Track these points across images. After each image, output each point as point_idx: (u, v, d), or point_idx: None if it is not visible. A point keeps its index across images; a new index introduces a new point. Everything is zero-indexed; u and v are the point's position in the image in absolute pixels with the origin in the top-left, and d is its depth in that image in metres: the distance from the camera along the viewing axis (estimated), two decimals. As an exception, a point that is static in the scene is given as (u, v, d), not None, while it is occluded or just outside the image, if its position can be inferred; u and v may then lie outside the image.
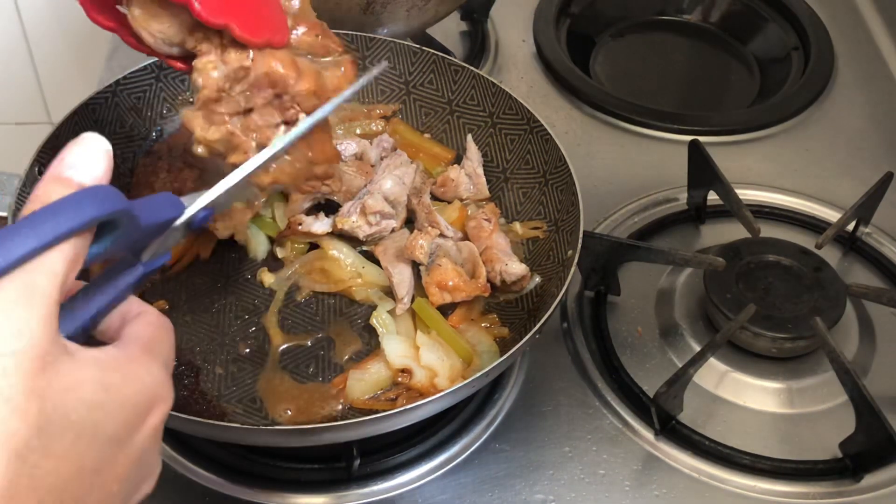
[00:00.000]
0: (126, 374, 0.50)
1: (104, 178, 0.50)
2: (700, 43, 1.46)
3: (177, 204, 0.57)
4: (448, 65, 1.07)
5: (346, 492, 0.85)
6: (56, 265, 0.46)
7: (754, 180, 1.16)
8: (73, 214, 0.46)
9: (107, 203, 0.47)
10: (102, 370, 0.48)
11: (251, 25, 0.73)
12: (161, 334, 0.55)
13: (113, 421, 0.48)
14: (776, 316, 0.95)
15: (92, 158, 0.50)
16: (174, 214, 0.57)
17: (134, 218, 0.51)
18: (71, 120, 0.96)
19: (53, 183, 0.49)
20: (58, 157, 0.50)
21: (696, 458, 0.88)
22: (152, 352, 0.53)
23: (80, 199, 0.47)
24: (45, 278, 0.45)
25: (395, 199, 0.97)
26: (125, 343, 0.53)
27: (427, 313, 0.90)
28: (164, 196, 0.57)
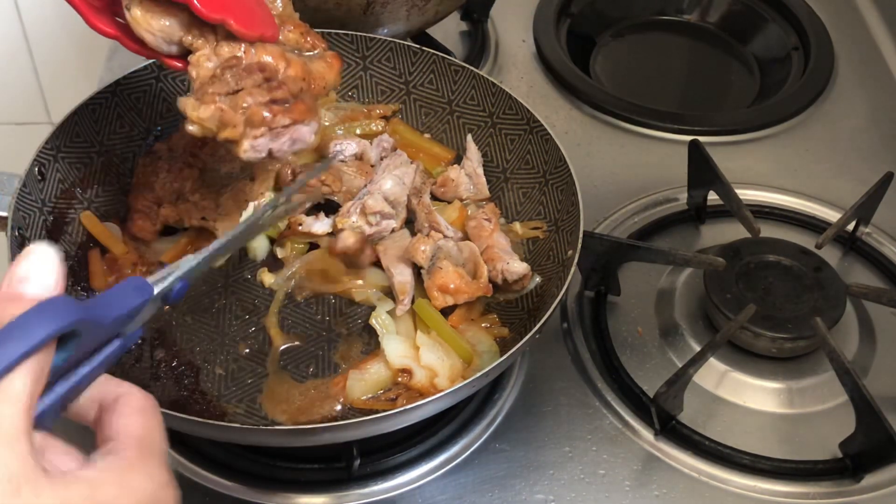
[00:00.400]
0: (123, 485, 0.48)
1: (56, 286, 0.50)
2: (700, 43, 1.46)
3: (144, 288, 0.56)
4: (448, 65, 1.07)
5: (346, 492, 0.85)
6: (18, 389, 0.45)
7: (754, 180, 1.16)
8: (26, 337, 0.45)
9: (59, 318, 0.47)
10: (93, 486, 0.47)
11: (246, 21, 0.78)
12: (152, 426, 0.53)
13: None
14: (776, 316, 0.95)
15: (41, 269, 0.50)
16: (141, 300, 0.55)
17: (95, 322, 0.50)
18: (71, 120, 0.96)
19: (5, 302, 0.48)
20: (7, 274, 0.49)
21: (696, 458, 0.88)
22: (148, 451, 0.51)
23: (31, 320, 0.46)
24: (8, 407, 0.45)
25: (396, 199, 0.97)
26: (117, 447, 0.51)
27: (427, 313, 0.90)
28: (130, 282, 0.55)
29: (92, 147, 0.99)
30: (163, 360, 0.87)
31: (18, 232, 0.87)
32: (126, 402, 0.53)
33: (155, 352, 0.88)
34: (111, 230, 0.96)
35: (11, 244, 0.85)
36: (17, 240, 0.86)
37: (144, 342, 0.89)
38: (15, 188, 0.89)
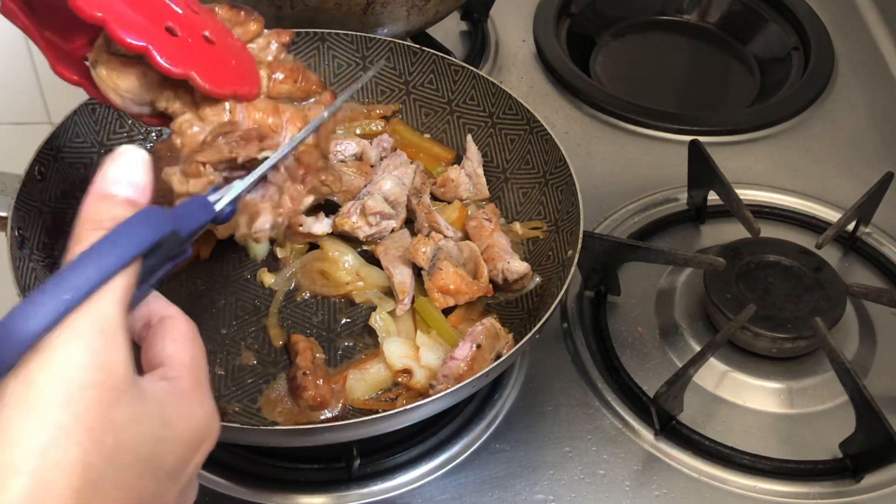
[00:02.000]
0: (182, 409, 0.51)
1: (146, 188, 0.52)
2: (700, 43, 1.46)
3: (208, 207, 0.59)
4: (448, 65, 1.07)
5: (346, 492, 0.85)
6: (119, 292, 0.47)
7: (754, 180, 1.16)
8: (131, 243, 0.48)
9: (159, 228, 0.49)
10: (162, 405, 0.50)
11: (216, 76, 0.70)
12: (200, 355, 0.56)
13: (172, 455, 0.50)
14: (776, 316, 0.95)
15: (132, 172, 0.52)
16: (207, 217, 0.59)
17: (178, 234, 0.52)
18: (71, 120, 0.96)
19: (99, 200, 0.50)
20: (99, 172, 0.51)
21: (696, 458, 0.88)
22: (200, 381, 0.54)
23: (135, 227, 0.48)
24: (114, 308, 0.47)
25: (396, 199, 0.97)
26: (174, 375, 0.53)
27: (428, 312, 0.90)
28: (196, 201, 0.59)
29: (92, 147, 0.99)
30: (163, 360, 0.87)
31: (18, 232, 0.87)
32: (173, 326, 0.56)
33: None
34: (111, 230, 0.96)
35: (11, 244, 0.85)
36: (17, 240, 0.86)
37: (144, 342, 0.89)
38: (15, 188, 0.89)
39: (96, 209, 0.50)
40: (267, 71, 0.76)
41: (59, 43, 0.74)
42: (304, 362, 0.84)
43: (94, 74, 0.72)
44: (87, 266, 0.46)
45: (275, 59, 0.78)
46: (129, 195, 0.51)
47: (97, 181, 0.51)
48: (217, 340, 0.90)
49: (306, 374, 0.83)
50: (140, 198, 0.51)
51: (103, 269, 0.46)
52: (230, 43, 0.75)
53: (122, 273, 0.47)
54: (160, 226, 0.50)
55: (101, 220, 0.49)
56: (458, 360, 0.84)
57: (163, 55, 0.67)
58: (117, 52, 0.71)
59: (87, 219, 0.49)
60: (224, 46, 0.73)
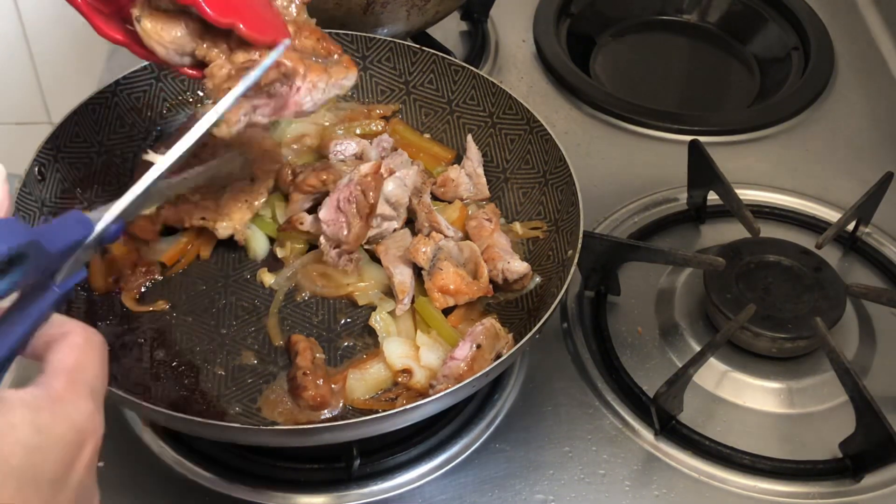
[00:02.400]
0: (54, 412, 0.50)
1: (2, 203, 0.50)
2: (700, 43, 1.46)
3: (85, 223, 0.57)
4: (448, 65, 1.07)
5: (346, 492, 0.85)
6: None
7: (754, 180, 1.16)
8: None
9: (11, 238, 0.48)
10: (33, 411, 0.48)
11: (257, 25, 0.77)
12: (85, 358, 0.54)
13: (51, 462, 0.48)
14: (776, 316, 0.95)
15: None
16: (83, 234, 0.56)
17: (41, 247, 0.51)
18: (71, 120, 0.96)
19: None
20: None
21: (696, 458, 0.88)
22: (76, 383, 0.52)
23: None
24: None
25: (397, 200, 0.97)
26: (49, 378, 0.52)
27: (428, 311, 0.90)
28: (71, 216, 0.56)
29: (92, 147, 0.99)
30: (163, 360, 0.87)
31: (18, 232, 0.87)
32: (65, 339, 0.55)
33: (155, 352, 0.88)
34: (111, 230, 0.96)
35: (11, 244, 0.85)
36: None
37: (144, 342, 0.89)
38: (15, 188, 0.89)
39: None
40: (293, 29, 0.83)
41: (99, 6, 0.80)
42: (304, 362, 0.84)
43: (139, 28, 0.77)
44: None
45: (298, 18, 0.85)
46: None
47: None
48: (217, 340, 0.90)
49: (306, 374, 0.83)
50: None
51: None
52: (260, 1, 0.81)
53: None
54: (14, 236, 0.48)
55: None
56: (458, 360, 0.84)
57: (210, 6, 0.74)
58: (159, 7, 0.77)
59: None
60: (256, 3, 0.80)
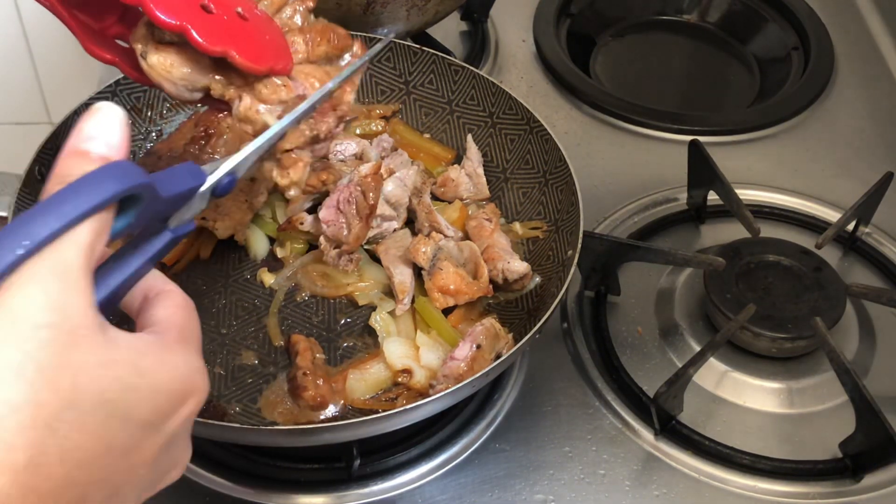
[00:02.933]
0: (163, 360, 0.50)
1: (122, 146, 0.50)
2: (700, 43, 1.46)
3: (198, 173, 0.57)
4: (448, 65, 1.07)
5: (346, 492, 0.85)
6: (83, 239, 0.46)
7: (754, 180, 1.16)
8: (94, 192, 0.46)
9: (126, 179, 0.48)
10: (139, 354, 0.48)
11: (253, 52, 0.71)
12: (192, 321, 0.55)
13: (146, 405, 0.48)
14: (776, 316, 0.95)
15: (108, 129, 0.50)
16: (196, 184, 0.57)
17: (155, 191, 0.51)
18: (71, 120, 0.96)
19: (72, 157, 0.49)
20: (75, 129, 0.50)
21: (696, 458, 0.88)
22: (187, 340, 0.53)
23: (100, 177, 0.47)
24: (74, 252, 0.45)
25: (397, 201, 0.97)
26: (160, 330, 0.53)
27: (428, 311, 0.90)
28: (185, 166, 0.56)
29: (92, 147, 0.99)
30: (163, 360, 0.87)
31: (18, 232, 0.87)
32: (169, 296, 0.56)
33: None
34: (111, 230, 0.96)
35: (11, 244, 0.85)
36: (17, 240, 0.86)
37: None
38: (15, 188, 0.89)
39: (68, 165, 0.49)
40: (301, 37, 0.77)
41: (89, 22, 0.75)
42: (303, 362, 0.84)
43: (145, 64, 0.72)
44: (48, 214, 0.45)
45: (304, 24, 0.80)
46: (104, 152, 0.49)
47: (72, 137, 0.50)
48: (217, 340, 0.90)
49: (306, 375, 0.83)
50: (114, 155, 0.50)
51: (63, 216, 0.45)
52: (260, 17, 0.75)
53: (86, 221, 0.46)
54: (129, 177, 0.48)
55: (70, 175, 0.48)
56: (458, 360, 0.84)
57: (200, 33, 0.66)
58: (163, 40, 0.72)
59: (58, 174, 0.48)
60: (256, 21, 0.73)
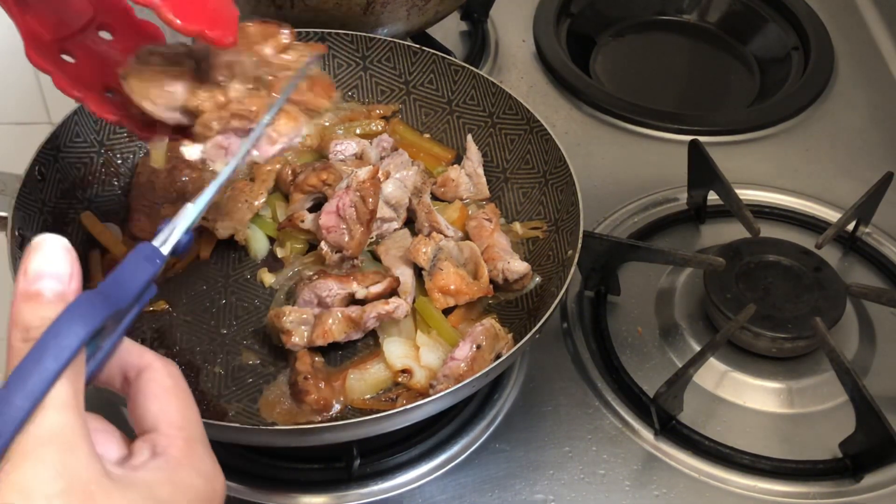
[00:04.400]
0: (178, 482, 0.49)
1: (73, 276, 0.49)
2: (700, 43, 1.46)
3: (154, 257, 0.56)
4: (448, 65, 1.07)
5: (346, 492, 0.85)
6: (65, 396, 0.46)
7: (754, 180, 1.16)
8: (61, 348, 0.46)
9: (89, 322, 0.47)
10: (152, 486, 0.48)
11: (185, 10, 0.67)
12: (184, 405, 0.53)
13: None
14: (776, 316, 0.95)
15: (54, 262, 0.49)
16: (155, 269, 0.55)
17: (119, 310, 0.50)
18: (71, 120, 0.96)
19: (27, 303, 0.47)
20: (20, 271, 0.48)
21: (696, 458, 0.88)
22: (192, 442, 0.52)
23: (62, 330, 0.46)
24: (60, 416, 0.45)
25: (397, 202, 0.97)
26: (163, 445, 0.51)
27: (428, 311, 0.90)
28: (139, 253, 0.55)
29: (92, 147, 0.99)
30: (163, 360, 0.87)
31: (19, 232, 0.87)
32: (153, 379, 0.54)
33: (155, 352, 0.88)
34: (111, 230, 0.96)
35: (11, 244, 0.85)
36: (17, 240, 0.86)
37: (144, 342, 0.89)
38: (15, 188, 0.89)
39: (26, 313, 0.47)
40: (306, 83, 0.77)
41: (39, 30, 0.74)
42: (303, 366, 0.84)
43: (126, 87, 0.73)
44: (17, 392, 0.44)
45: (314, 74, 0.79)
46: (57, 289, 0.48)
47: (20, 280, 0.48)
48: (217, 340, 0.90)
49: (307, 379, 0.83)
50: (67, 289, 0.48)
51: (34, 391, 0.44)
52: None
53: (62, 377, 0.45)
54: (91, 319, 0.47)
55: (30, 328, 0.46)
56: (458, 360, 0.84)
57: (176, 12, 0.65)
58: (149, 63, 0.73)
59: (17, 326, 0.47)
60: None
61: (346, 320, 0.86)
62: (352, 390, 0.85)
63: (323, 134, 1.06)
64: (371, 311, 0.86)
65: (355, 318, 0.86)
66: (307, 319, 0.86)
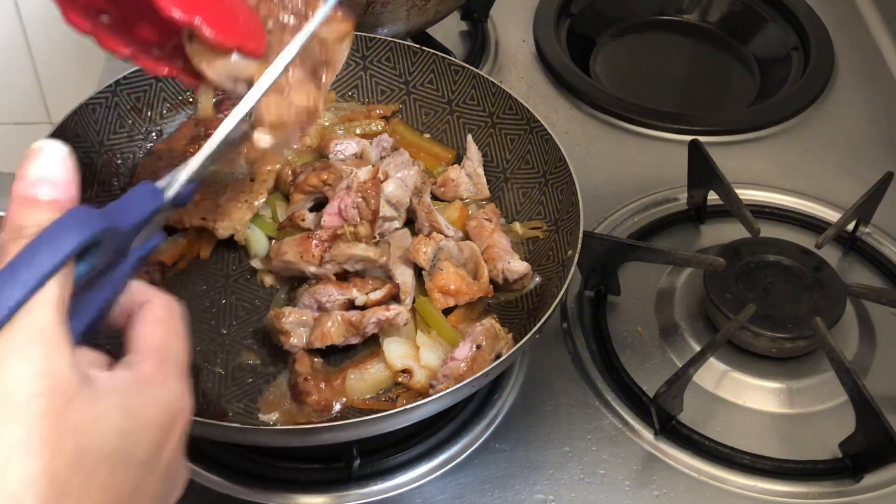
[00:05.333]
0: (146, 396, 0.50)
1: (70, 183, 0.49)
2: (700, 43, 1.46)
3: (155, 194, 0.56)
4: (448, 65, 1.07)
5: (346, 492, 0.85)
6: (52, 297, 0.46)
7: (754, 180, 1.16)
8: (54, 251, 0.46)
9: (84, 230, 0.47)
10: (124, 396, 0.48)
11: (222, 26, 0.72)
12: (170, 333, 0.54)
13: (142, 444, 0.49)
14: (776, 316, 0.95)
15: (52, 168, 0.49)
16: (155, 205, 0.56)
17: (116, 229, 0.50)
18: (71, 120, 0.96)
19: (22, 206, 0.48)
20: (18, 173, 0.49)
21: (696, 458, 0.88)
22: (165, 363, 0.52)
23: (57, 233, 0.46)
24: (46, 313, 0.45)
25: (398, 201, 0.97)
26: (137, 359, 0.52)
27: (428, 311, 0.90)
28: (142, 188, 0.56)
29: (92, 147, 0.99)
30: (163, 360, 0.87)
31: (18, 232, 0.87)
32: (148, 309, 0.54)
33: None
34: (111, 230, 0.96)
35: (11, 244, 0.85)
36: (17, 240, 0.86)
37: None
38: (15, 188, 0.88)
39: (19, 216, 0.47)
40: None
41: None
42: (302, 368, 0.84)
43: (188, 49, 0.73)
44: (12, 282, 0.45)
45: None
46: (53, 195, 0.48)
47: (17, 184, 0.48)
48: (217, 340, 0.90)
49: (307, 380, 0.83)
50: (63, 196, 0.49)
51: (27, 283, 0.45)
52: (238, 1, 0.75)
53: (52, 279, 0.46)
54: (86, 227, 0.47)
55: (24, 227, 0.47)
56: (458, 361, 0.84)
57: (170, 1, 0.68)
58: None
59: (11, 227, 0.47)
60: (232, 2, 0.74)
61: (346, 324, 0.86)
62: (352, 390, 0.85)
63: (323, 134, 1.06)
64: (371, 316, 0.86)
65: (355, 323, 0.86)
66: (306, 321, 0.86)
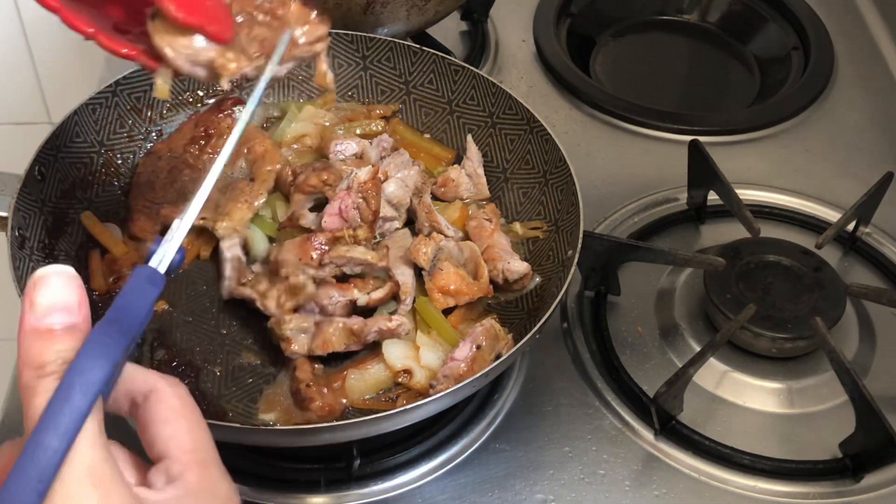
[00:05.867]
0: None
1: (81, 304, 0.48)
2: (700, 43, 1.46)
3: (154, 278, 0.55)
4: (448, 65, 1.07)
5: (346, 492, 0.85)
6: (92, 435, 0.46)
7: (754, 180, 1.16)
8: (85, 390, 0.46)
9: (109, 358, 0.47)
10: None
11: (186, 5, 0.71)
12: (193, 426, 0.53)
13: None
14: (776, 316, 0.95)
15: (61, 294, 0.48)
16: (157, 291, 0.55)
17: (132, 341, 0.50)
18: (71, 120, 0.96)
19: (38, 340, 0.47)
20: (26, 304, 0.48)
21: (696, 458, 0.88)
22: (206, 465, 0.52)
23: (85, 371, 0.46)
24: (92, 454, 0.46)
25: (399, 201, 0.97)
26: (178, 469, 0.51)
27: (428, 311, 0.90)
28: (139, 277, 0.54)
29: (92, 147, 0.99)
30: (163, 360, 0.87)
31: (18, 232, 0.87)
32: (160, 400, 0.53)
33: (155, 352, 0.88)
34: (111, 230, 0.96)
35: (11, 244, 0.85)
36: (17, 240, 0.86)
37: (144, 342, 0.89)
38: (15, 188, 0.89)
39: (39, 351, 0.46)
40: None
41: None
42: (304, 374, 0.84)
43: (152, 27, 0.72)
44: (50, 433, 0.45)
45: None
46: (68, 321, 0.47)
47: (27, 315, 0.47)
48: (217, 340, 0.90)
49: (309, 386, 0.83)
50: (78, 319, 0.48)
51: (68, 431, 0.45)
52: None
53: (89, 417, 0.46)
54: (110, 355, 0.47)
55: (46, 363, 0.46)
56: (458, 361, 0.84)
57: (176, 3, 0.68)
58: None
59: (31, 363, 0.46)
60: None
61: (347, 332, 0.86)
62: (352, 390, 0.85)
63: (323, 134, 1.06)
64: (373, 325, 0.85)
65: (356, 331, 0.85)
66: (307, 328, 0.86)
